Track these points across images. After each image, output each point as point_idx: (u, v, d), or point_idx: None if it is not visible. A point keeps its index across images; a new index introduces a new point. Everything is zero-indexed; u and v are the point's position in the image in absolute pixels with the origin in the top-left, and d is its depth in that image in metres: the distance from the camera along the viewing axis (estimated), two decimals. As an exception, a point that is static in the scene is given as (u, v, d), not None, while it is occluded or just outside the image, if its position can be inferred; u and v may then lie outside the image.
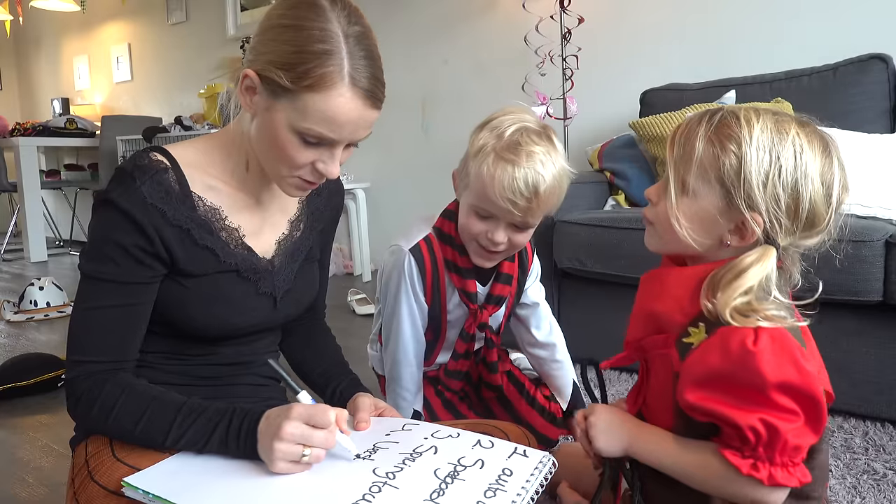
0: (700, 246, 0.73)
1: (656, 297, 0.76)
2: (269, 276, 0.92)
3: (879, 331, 1.45)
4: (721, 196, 0.70)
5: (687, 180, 0.71)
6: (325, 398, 1.02)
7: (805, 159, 0.67)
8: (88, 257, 0.82)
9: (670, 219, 0.72)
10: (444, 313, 1.23)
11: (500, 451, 0.81)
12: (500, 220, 1.08)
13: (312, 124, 0.77)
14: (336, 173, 0.84)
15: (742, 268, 0.68)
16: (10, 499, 1.32)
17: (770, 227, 0.68)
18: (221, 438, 0.76)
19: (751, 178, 0.67)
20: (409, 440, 0.83)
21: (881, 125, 1.95)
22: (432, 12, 3.43)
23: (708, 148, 0.70)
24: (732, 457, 0.67)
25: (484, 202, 1.07)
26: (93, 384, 0.80)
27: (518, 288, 1.26)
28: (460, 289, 1.19)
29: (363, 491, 0.71)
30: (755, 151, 0.67)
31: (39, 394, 1.89)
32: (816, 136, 0.70)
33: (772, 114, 0.71)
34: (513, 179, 1.02)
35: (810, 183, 0.67)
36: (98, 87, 5.82)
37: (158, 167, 0.83)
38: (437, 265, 1.18)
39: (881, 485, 1.21)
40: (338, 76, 0.76)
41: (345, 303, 2.93)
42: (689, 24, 2.60)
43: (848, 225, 0.74)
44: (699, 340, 0.70)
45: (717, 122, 0.71)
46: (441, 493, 0.71)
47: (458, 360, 1.26)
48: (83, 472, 0.82)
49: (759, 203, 0.68)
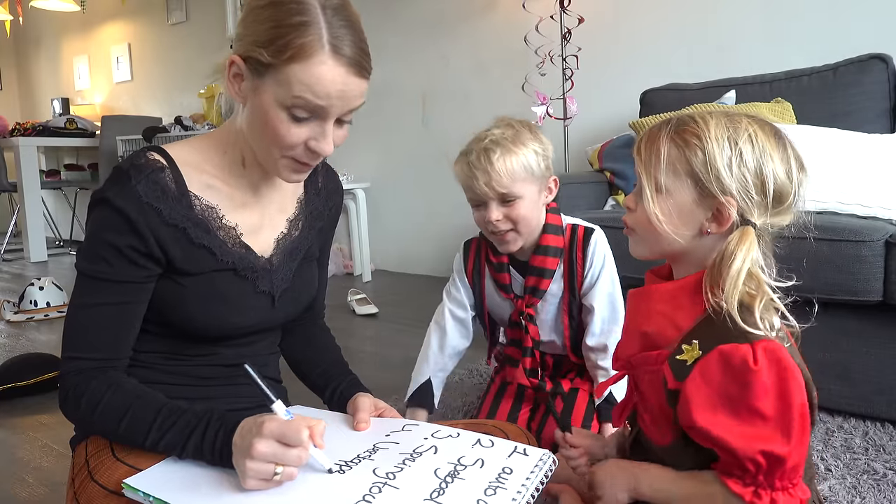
0: (682, 238, 0.76)
1: (644, 316, 0.79)
2: (268, 275, 0.92)
3: (879, 331, 1.45)
4: (692, 188, 0.74)
5: (659, 179, 0.76)
6: (325, 398, 1.02)
7: (760, 142, 0.73)
8: (83, 255, 0.83)
9: (650, 218, 0.76)
10: (484, 301, 1.37)
11: (500, 450, 0.81)
12: (484, 202, 1.19)
13: (298, 95, 0.77)
14: (329, 149, 0.83)
15: (728, 252, 0.72)
16: (10, 499, 1.32)
17: (745, 206, 0.73)
18: (197, 446, 0.76)
19: (717, 164, 0.72)
20: (409, 440, 0.83)
21: (881, 125, 1.95)
22: (432, 13, 3.43)
23: (673, 148, 0.75)
24: (734, 485, 0.69)
25: (465, 191, 1.22)
26: (82, 380, 0.81)
27: (570, 287, 1.29)
28: (495, 280, 1.32)
29: (363, 492, 0.71)
30: (715, 142, 0.73)
31: (39, 394, 1.89)
32: (766, 125, 0.75)
33: (723, 112, 0.77)
34: (468, 158, 1.18)
35: (769, 161, 0.73)
36: (98, 87, 5.82)
37: (154, 166, 0.83)
38: (479, 257, 1.36)
39: (881, 485, 1.21)
40: (317, 44, 0.76)
41: (345, 303, 2.93)
42: (689, 24, 2.60)
43: (813, 217, 0.79)
44: (693, 357, 0.71)
45: (675, 125, 0.76)
46: (441, 492, 0.71)
47: (510, 347, 1.39)
48: (83, 471, 0.82)
49: (729, 186, 0.72)
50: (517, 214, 1.19)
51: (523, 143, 1.18)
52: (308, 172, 0.88)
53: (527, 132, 1.20)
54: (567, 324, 1.31)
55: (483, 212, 1.20)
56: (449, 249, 1.52)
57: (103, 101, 5.79)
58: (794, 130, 1.85)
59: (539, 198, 1.23)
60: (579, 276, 1.28)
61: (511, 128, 1.20)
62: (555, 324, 1.32)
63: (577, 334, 1.32)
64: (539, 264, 1.27)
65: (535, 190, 1.21)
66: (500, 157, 1.15)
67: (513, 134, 1.18)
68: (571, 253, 1.28)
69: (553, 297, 1.30)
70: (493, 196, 1.17)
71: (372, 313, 2.76)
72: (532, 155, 1.18)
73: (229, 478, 0.74)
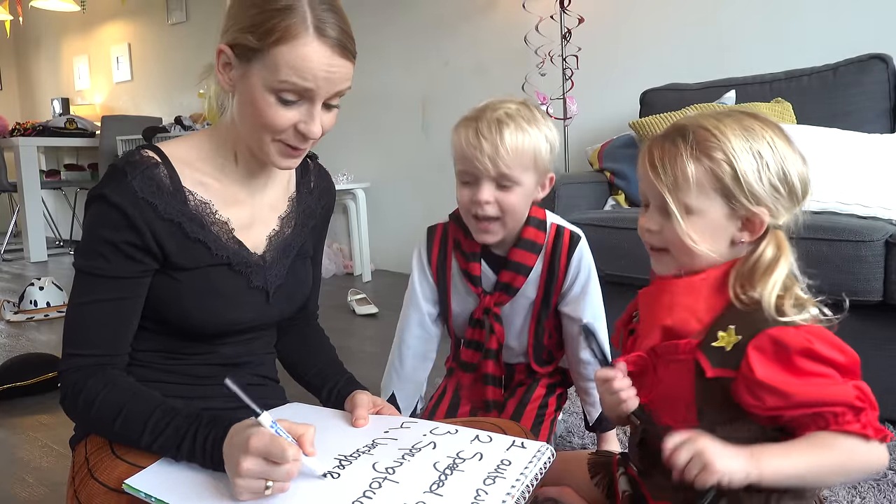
0: (716, 253, 0.76)
1: (666, 309, 0.78)
2: (261, 271, 0.92)
3: (879, 331, 1.45)
4: (723, 204, 0.74)
5: (689, 203, 0.75)
6: (322, 398, 1.02)
7: (778, 146, 0.74)
8: (81, 253, 0.83)
9: (684, 240, 0.75)
10: (448, 296, 1.24)
11: (499, 444, 0.81)
12: (480, 179, 1.08)
13: (284, 77, 0.79)
14: (317, 131, 0.84)
15: (769, 261, 0.73)
16: (10, 499, 1.32)
17: (775, 211, 0.74)
18: (190, 450, 0.76)
19: (748, 177, 0.73)
20: (407, 437, 0.84)
21: (881, 125, 1.95)
22: (432, 13, 3.43)
23: (699, 167, 0.74)
24: (862, 429, 0.68)
25: (460, 162, 1.10)
26: (80, 377, 0.81)
27: (545, 292, 1.20)
28: (464, 270, 1.20)
29: (364, 488, 0.71)
30: (741, 154, 0.73)
31: (39, 394, 1.89)
32: (772, 124, 0.76)
33: (729, 115, 0.76)
34: (476, 125, 1.07)
35: (790, 163, 0.74)
36: (98, 87, 5.83)
37: (149, 163, 0.84)
38: (446, 245, 1.23)
39: (881, 485, 1.21)
40: (301, 26, 0.78)
41: (345, 303, 2.93)
42: (689, 24, 2.60)
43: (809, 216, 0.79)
44: (731, 343, 0.72)
45: (693, 140, 0.74)
46: (441, 483, 0.72)
47: (470, 349, 1.25)
48: (83, 469, 0.82)
49: (762, 196, 0.73)
50: (508, 203, 1.09)
51: (538, 126, 1.08)
52: (299, 158, 0.89)
53: (542, 117, 1.11)
54: (533, 331, 1.23)
55: (472, 190, 1.09)
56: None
57: (103, 101, 5.79)
58: (795, 130, 1.84)
59: (534, 191, 1.13)
60: (559, 282, 1.19)
61: (527, 108, 1.10)
62: (519, 329, 1.23)
63: (540, 343, 1.24)
64: (518, 259, 1.17)
65: (534, 182, 1.12)
66: (513, 134, 1.05)
67: (529, 114, 1.09)
68: (554, 256, 1.18)
69: (525, 299, 1.20)
70: (491, 174, 1.07)
71: (372, 313, 2.76)
72: (544, 142, 1.09)
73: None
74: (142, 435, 0.77)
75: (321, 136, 0.86)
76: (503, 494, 0.70)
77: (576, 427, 1.51)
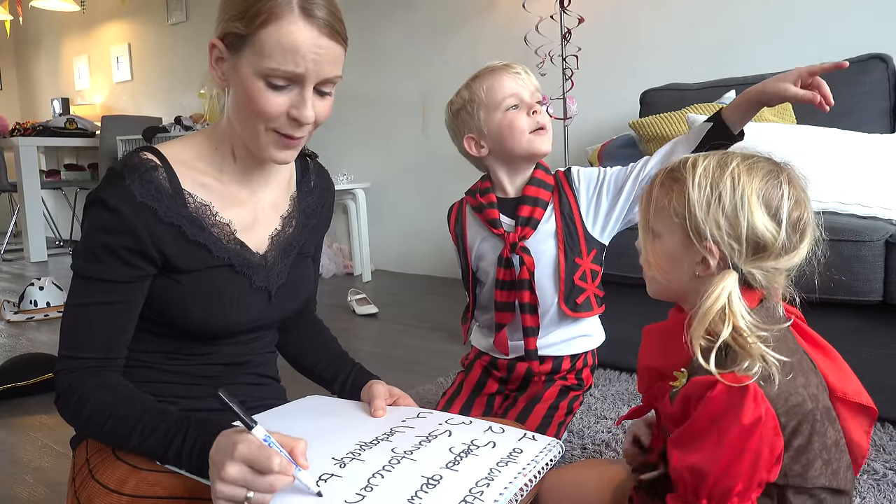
0: (675, 283, 0.78)
1: (652, 353, 0.82)
2: (263, 271, 0.92)
3: (879, 331, 1.45)
4: (681, 233, 0.75)
5: (654, 225, 0.78)
6: (335, 390, 1.03)
7: (742, 185, 0.72)
8: (78, 255, 0.83)
9: (649, 261, 0.79)
10: (468, 254, 1.37)
11: (511, 435, 0.86)
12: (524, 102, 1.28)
13: (272, 59, 0.78)
14: (310, 116, 0.83)
15: (707, 305, 0.71)
16: (10, 499, 1.32)
17: (728, 252, 0.72)
18: (177, 454, 0.75)
19: (695, 210, 0.73)
20: (424, 425, 0.87)
21: (881, 125, 1.95)
22: (432, 13, 3.43)
23: (661, 192, 0.77)
24: (671, 500, 0.73)
25: (509, 98, 1.28)
26: (73, 380, 0.81)
27: (563, 218, 1.29)
28: (484, 220, 1.32)
29: (383, 463, 0.76)
30: (697, 187, 0.73)
31: (39, 394, 1.89)
32: (761, 162, 0.74)
33: (720, 153, 0.76)
34: (511, 67, 1.31)
35: (747, 206, 0.71)
36: (98, 87, 5.83)
37: (148, 165, 0.83)
38: (461, 213, 1.39)
39: (881, 485, 1.21)
40: (286, 7, 0.78)
41: (345, 303, 2.93)
42: (688, 24, 2.60)
43: (822, 228, 0.80)
44: (680, 385, 0.74)
45: (669, 170, 0.78)
46: (457, 462, 0.77)
47: (504, 291, 1.31)
48: (84, 470, 0.82)
49: (706, 232, 0.72)
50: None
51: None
52: (295, 150, 0.88)
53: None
54: (564, 267, 1.28)
55: (521, 112, 1.27)
56: (449, 250, 1.52)
57: (103, 101, 5.79)
58: (794, 130, 1.85)
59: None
60: (573, 203, 1.30)
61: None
62: (550, 268, 1.29)
63: (570, 280, 1.28)
64: (534, 194, 1.29)
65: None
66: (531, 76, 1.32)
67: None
68: (560, 190, 1.32)
69: (547, 232, 1.29)
70: (538, 98, 1.30)
71: (372, 313, 2.76)
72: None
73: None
74: (130, 437, 0.77)
75: (316, 126, 0.85)
76: (516, 472, 0.75)
77: (586, 429, 1.51)
